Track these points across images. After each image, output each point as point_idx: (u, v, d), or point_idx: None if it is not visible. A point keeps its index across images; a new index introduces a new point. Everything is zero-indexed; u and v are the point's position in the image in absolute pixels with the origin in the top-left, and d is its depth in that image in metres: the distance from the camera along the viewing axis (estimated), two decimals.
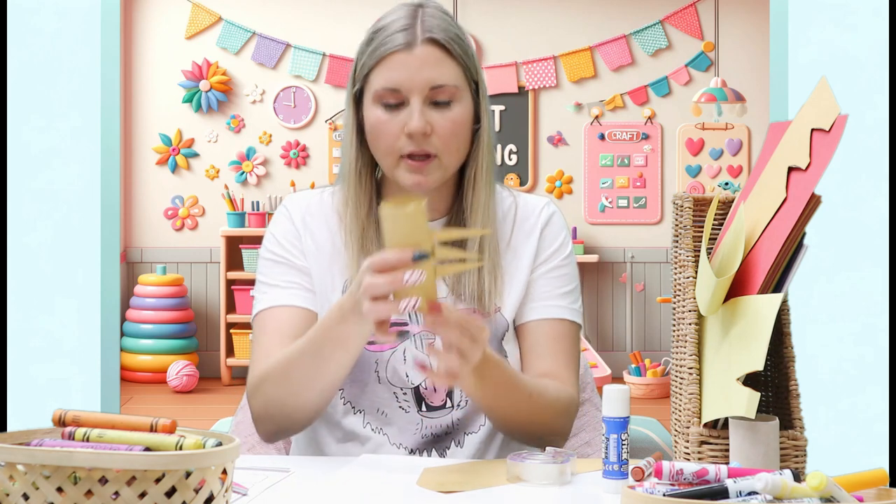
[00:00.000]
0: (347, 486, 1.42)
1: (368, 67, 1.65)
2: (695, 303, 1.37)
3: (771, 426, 1.26)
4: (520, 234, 1.75)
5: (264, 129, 6.78)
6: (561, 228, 1.77)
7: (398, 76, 1.62)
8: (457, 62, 1.65)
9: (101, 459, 1.02)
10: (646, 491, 1.10)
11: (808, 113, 1.34)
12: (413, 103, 1.62)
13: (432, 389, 1.68)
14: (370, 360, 1.67)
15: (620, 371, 6.49)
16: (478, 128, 1.69)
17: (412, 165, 1.63)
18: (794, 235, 1.29)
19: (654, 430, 1.91)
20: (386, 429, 1.68)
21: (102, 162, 2.77)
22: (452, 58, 1.64)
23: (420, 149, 1.62)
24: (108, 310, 2.87)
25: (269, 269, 1.72)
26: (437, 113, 1.63)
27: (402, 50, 1.62)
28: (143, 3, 6.77)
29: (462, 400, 1.69)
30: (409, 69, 1.62)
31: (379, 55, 1.64)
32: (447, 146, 1.64)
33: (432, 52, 1.63)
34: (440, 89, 1.63)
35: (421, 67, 1.62)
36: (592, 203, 6.81)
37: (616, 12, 6.76)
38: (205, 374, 6.57)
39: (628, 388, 1.37)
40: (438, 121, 1.63)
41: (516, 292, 1.72)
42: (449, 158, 1.65)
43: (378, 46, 1.64)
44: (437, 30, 1.64)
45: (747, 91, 6.45)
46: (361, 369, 1.67)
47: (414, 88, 1.62)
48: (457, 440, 1.69)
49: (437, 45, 1.63)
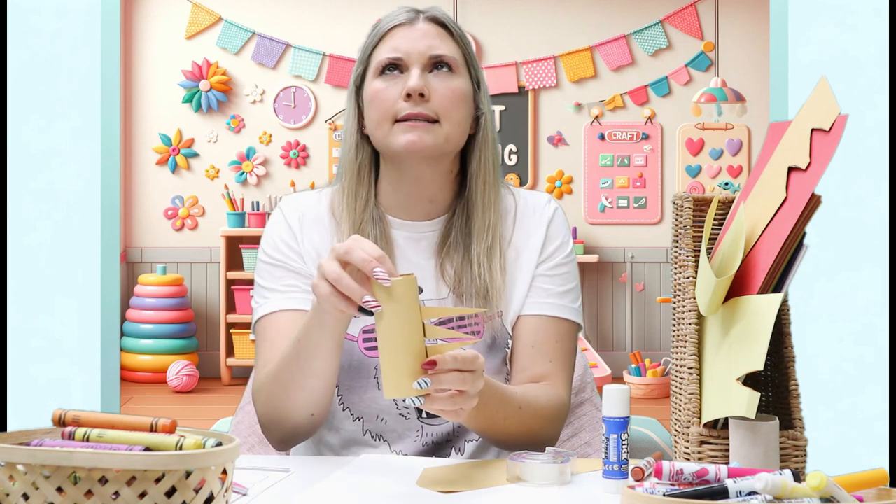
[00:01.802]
0: (347, 486, 1.42)
1: (371, 46, 1.68)
2: (695, 303, 1.37)
3: (771, 426, 1.26)
4: (521, 234, 1.72)
5: (264, 129, 6.78)
6: (563, 227, 1.75)
7: (399, 45, 1.64)
8: (456, 44, 1.68)
9: (101, 459, 1.02)
10: (646, 491, 1.10)
11: (808, 113, 1.34)
12: (412, 69, 1.63)
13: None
14: (369, 366, 1.66)
15: (620, 371, 6.49)
16: (480, 115, 1.69)
17: (408, 125, 1.61)
18: (794, 235, 1.29)
19: (654, 430, 1.91)
20: (386, 435, 1.67)
21: (102, 162, 2.77)
22: (453, 38, 1.68)
23: (418, 111, 1.61)
24: (108, 310, 2.87)
25: (267, 272, 1.69)
26: (436, 79, 1.64)
27: (405, 24, 1.66)
28: (143, 3, 6.77)
29: None
30: (410, 39, 1.65)
31: (382, 31, 1.67)
32: (447, 112, 1.63)
33: (433, 27, 1.67)
34: (440, 58, 1.64)
35: (422, 38, 1.65)
36: (592, 203, 6.81)
37: (616, 12, 6.76)
38: (205, 374, 6.57)
39: (628, 388, 1.37)
40: (438, 86, 1.63)
41: (519, 293, 1.69)
42: (449, 126, 1.63)
43: (382, 26, 1.68)
44: (439, 12, 1.69)
45: (747, 91, 6.45)
46: (360, 375, 1.66)
47: (413, 55, 1.64)
48: (457, 447, 1.68)
49: (438, 23, 1.68)
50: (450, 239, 1.68)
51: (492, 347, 1.67)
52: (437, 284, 1.67)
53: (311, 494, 1.38)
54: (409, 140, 1.60)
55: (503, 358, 1.69)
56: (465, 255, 1.66)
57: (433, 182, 1.67)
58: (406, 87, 1.61)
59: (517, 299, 1.69)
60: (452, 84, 1.64)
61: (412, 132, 1.61)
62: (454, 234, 1.68)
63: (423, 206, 1.69)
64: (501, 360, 1.69)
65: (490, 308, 1.65)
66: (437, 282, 1.67)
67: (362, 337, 1.65)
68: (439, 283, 1.67)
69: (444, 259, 1.67)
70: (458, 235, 1.67)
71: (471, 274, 1.65)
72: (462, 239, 1.67)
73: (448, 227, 1.69)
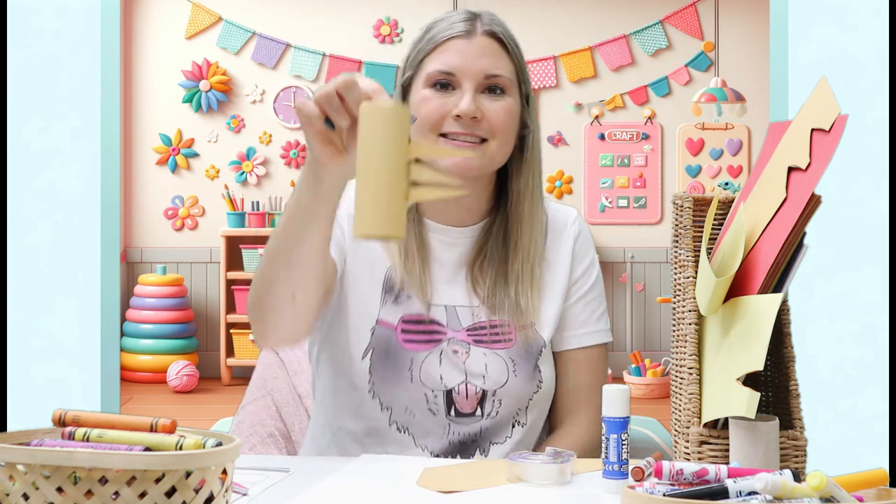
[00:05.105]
0: (347, 486, 1.42)
1: (424, 53, 1.65)
2: (695, 303, 1.37)
3: (771, 426, 1.26)
4: (553, 246, 1.75)
5: (264, 129, 6.78)
6: (590, 244, 1.78)
7: (454, 60, 1.62)
8: (512, 61, 1.65)
9: (101, 459, 1.02)
10: (646, 491, 1.10)
11: (808, 113, 1.34)
12: (465, 88, 1.61)
13: (464, 396, 1.66)
14: (405, 358, 1.66)
15: (620, 371, 6.49)
16: (525, 132, 1.68)
17: (456, 144, 1.60)
18: (794, 235, 1.29)
19: (654, 430, 1.91)
20: (412, 429, 1.67)
21: (102, 162, 2.77)
22: (509, 55, 1.65)
23: (468, 132, 1.60)
24: (108, 310, 2.87)
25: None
26: (489, 101, 1.62)
27: (462, 37, 1.63)
28: (143, 3, 6.77)
29: (493, 410, 1.68)
30: (466, 55, 1.62)
31: (437, 40, 1.64)
32: (497, 134, 1.62)
33: (491, 43, 1.64)
34: (495, 79, 1.62)
35: (479, 55, 1.62)
36: (592, 203, 6.80)
37: (616, 12, 6.76)
38: (205, 374, 6.57)
39: (628, 388, 1.37)
40: (490, 107, 1.62)
41: (554, 306, 1.72)
42: (498, 147, 1.63)
43: (437, 33, 1.64)
44: (497, 26, 1.66)
45: (747, 91, 6.45)
46: (395, 365, 1.66)
47: (468, 73, 1.61)
48: (482, 448, 1.68)
49: (496, 38, 1.64)
50: (486, 250, 1.70)
51: (526, 354, 1.70)
52: (469, 293, 1.69)
53: (311, 494, 1.38)
54: (455, 163, 1.60)
55: (535, 363, 1.70)
56: (500, 269, 1.68)
57: (471, 194, 1.69)
58: (458, 108, 1.60)
59: (552, 308, 1.72)
60: (505, 105, 1.63)
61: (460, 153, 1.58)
62: (490, 245, 1.70)
63: (460, 214, 1.71)
64: (534, 366, 1.70)
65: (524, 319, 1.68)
66: (468, 290, 1.70)
67: (401, 328, 1.67)
68: (471, 292, 1.69)
69: (475, 269, 1.70)
70: (495, 248, 1.69)
71: (506, 289, 1.68)
72: (498, 252, 1.69)
73: (485, 237, 1.71)
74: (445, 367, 1.66)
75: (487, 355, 1.68)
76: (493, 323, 1.68)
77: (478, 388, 1.67)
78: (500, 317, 1.68)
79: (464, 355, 1.67)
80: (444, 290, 1.69)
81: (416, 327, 1.67)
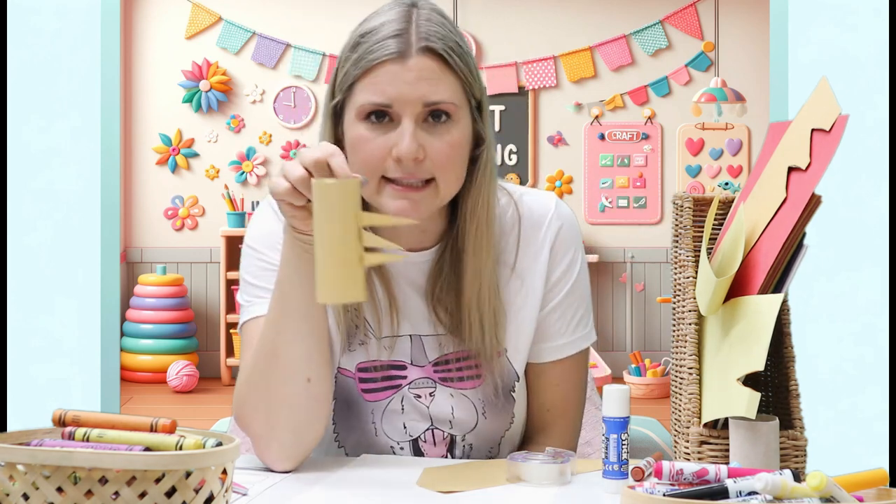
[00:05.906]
0: (347, 486, 1.42)
1: (353, 77, 1.44)
2: (695, 303, 1.37)
3: (771, 426, 1.26)
4: (526, 257, 1.58)
5: (264, 129, 6.78)
6: (573, 238, 1.60)
7: (388, 91, 1.42)
8: (456, 76, 1.45)
9: (101, 459, 1.02)
10: (646, 491, 1.10)
11: (809, 113, 1.34)
12: (404, 123, 1.42)
13: (431, 443, 1.58)
14: (366, 409, 1.57)
15: (620, 371, 6.50)
16: (479, 152, 1.50)
17: (399, 191, 1.43)
18: (794, 235, 1.29)
19: (654, 430, 1.91)
20: None
21: (102, 162, 2.77)
22: (451, 71, 1.44)
23: (410, 175, 1.43)
24: (108, 310, 2.87)
25: (260, 272, 1.55)
26: (431, 135, 1.43)
27: (394, 60, 1.42)
28: (143, 3, 6.77)
29: (464, 454, 1.60)
30: (401, 83, 1.41)
31: (366, 65, 1.43)
32: (443, 171, 1.44)
33: (428, 63, 1.42)
34: (436, 106, 1.43)
35: (415, 82, 1.41)
36: (592, 203, 6.81)
37: (616, 12, 6.76)
38: (205, 374, 6.57)
39: (628, 388, 1.37)
40: (433, 144, 1.43)
41: (526, 330, 1.58)
42: (446, 186, 1.45)
43: (365, 55, 1.44)
44: (435, 37, 1.44)
45: (747, 91, 6.45)
46: (358, 417, 1.59)
47: (405, 105, 1.41)
48: None
49: (434, 55, 1.43)
50: (441, 277, 1.55)
51: (495, 391, 1.58)
52: (433, 321, 1.57)
53: (311, 494, 1.38)
54: (400, 207, 1.43)
55: (508, 395, 1.61)
56: (457, 297, 1.53)
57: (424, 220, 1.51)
58: (397, 151, 1.42)
59: (525, 333, 1.58)
60: (450, 138, 1.44)
61: (404, 199, 1.43)
62: (445, 272, 1.55)
63: (416, 237, 1.55)
64: (506, 398, 1.60)
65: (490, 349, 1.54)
66: (432, 318, 1.57)
67: (358, 376, 1.57)
68: (434, 320, 1.56)
69: (436, 296, 1.56)
70: (450, 275, 1.54)
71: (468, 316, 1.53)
72: (454, 280, 1.54)
73: (439, 264, 1.55)
74: (409, 414, 1.57)
75: (454, 396, 1.57)
76: (459, 356, 1.56)
77: (445, 434, 1.58)
78: (469, 346, 1.54)
79: (427, 398, 1.57)
80: (408, 318, 1.56)
81: (373, 374, 1.56)
